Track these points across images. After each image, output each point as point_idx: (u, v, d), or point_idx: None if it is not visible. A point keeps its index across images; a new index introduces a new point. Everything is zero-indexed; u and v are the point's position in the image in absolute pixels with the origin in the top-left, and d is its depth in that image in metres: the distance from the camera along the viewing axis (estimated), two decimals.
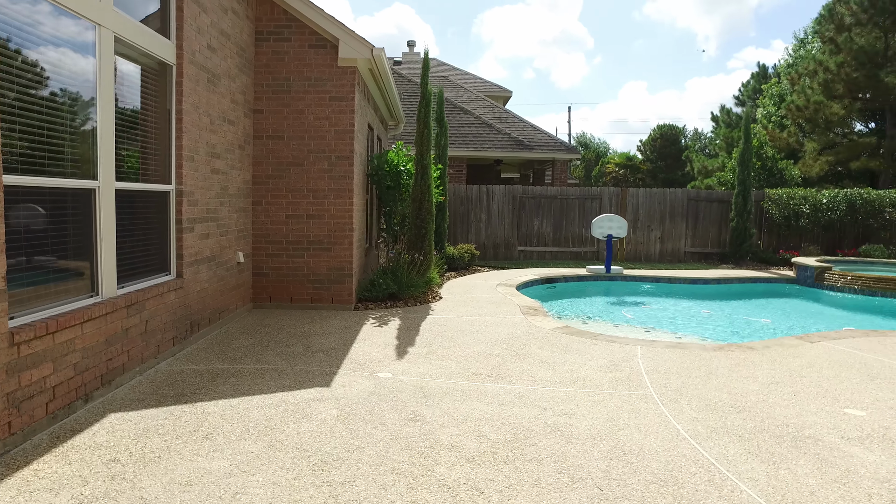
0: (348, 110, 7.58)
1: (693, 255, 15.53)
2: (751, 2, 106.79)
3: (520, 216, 14.87)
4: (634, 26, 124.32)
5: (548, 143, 17.17)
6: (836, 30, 20.78)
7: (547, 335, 6.62)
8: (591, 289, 11.80)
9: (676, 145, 39.09)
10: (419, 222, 8.57)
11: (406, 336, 6.43)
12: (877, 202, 14.76)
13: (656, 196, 15.30)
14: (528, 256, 14.96)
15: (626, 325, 8.40)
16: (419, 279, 8.47)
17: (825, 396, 4.74)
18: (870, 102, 20.50)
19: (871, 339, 6.78)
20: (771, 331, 8.26)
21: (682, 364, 5.54)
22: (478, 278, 11.33)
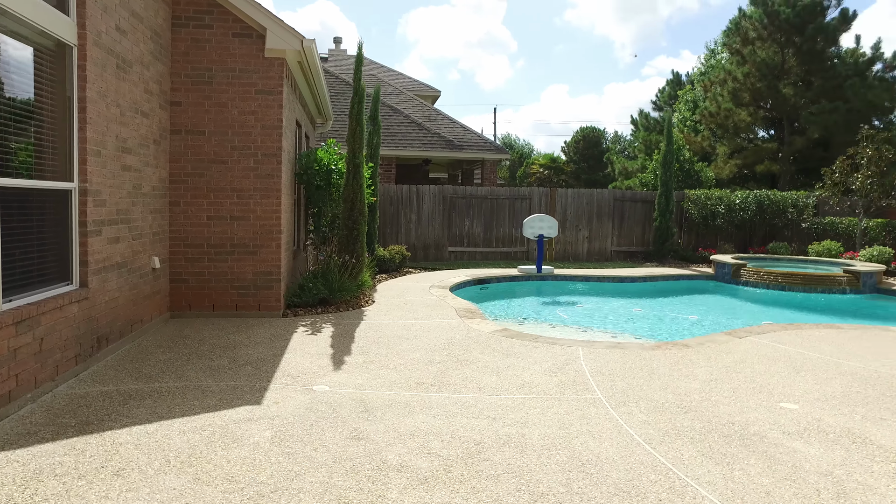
0: (276, 105, 7.11)
1: (619, 254, 15.99)
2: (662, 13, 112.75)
3: (450, 216, 14.74)
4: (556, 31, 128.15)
5: (477, 144, 17.16)
6: (742, 42, 22.15)
7: (487, 339, 6.46)
8: (524, 289, 11.84)
9: (598, 147, 40.48)
10: (351, 223, 8.20)
11: (341, 344, 6.07)
12: (781, 203, 15.78)
13: (584, 196, 15.64)
14: (459, 257, 14.86)
15: (563, 325, 8.41)
16: (351, 283, 8.11)
17: (761, 392, 4.85)
18: (771, 111, 21.99)
19: (789, 332, 7.11)
20: (699, 327, 8.53)
21: (624, 365, 5.53)
22: (410, 280, 11.06)
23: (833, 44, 21.24)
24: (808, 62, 21.09)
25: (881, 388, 5.05)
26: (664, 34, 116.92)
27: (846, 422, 4.24)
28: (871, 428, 4.15)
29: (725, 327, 8.44)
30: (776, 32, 21.26)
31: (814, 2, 20.93)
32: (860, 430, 4.10)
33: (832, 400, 4.70)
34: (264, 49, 6.94)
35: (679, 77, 34.35)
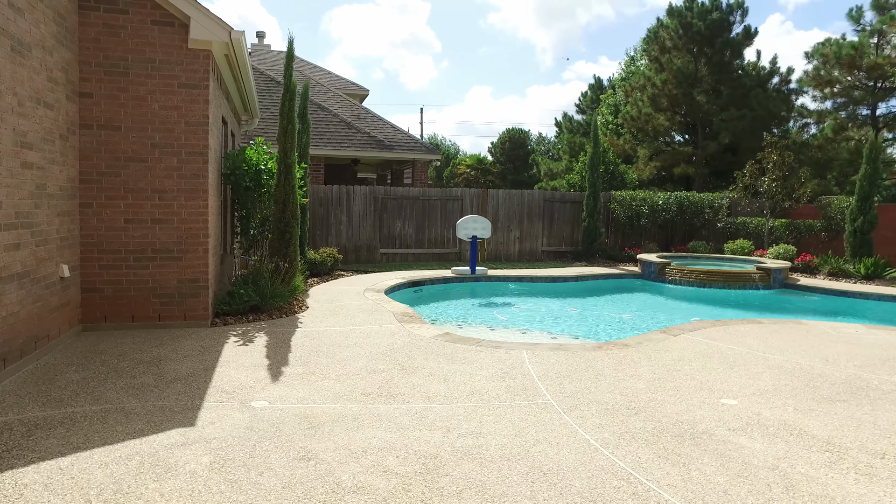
0: (202, 100, 6.62)
1: (549, 254, 16.30)
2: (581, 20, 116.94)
3: (382, 218, 14.48)
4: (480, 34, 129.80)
5: (408, 144, 16.97)
6: (660, 51, 23.24)
7: (429, 344, 6.31)
8: (459, 291, 11.78)
9: (524, 148, 41.33)
10: (283, 226, 7.79)
11: (278, 354, 5.72)
12: (699, 204, 16.65)
13: (515, 197, 15.81)
14: (391, 259, 14.62)
15: (502, 327, 8.39)
16: (284, 288, 7.71)
17: (702, 389, 4.98)
18: (686, 116, 23.20)
19: (718, 328, 7.42)
20: (634, 326, 8.77)
21: (569, 367, 5.54)
22: (343, 284, 10.73)
23: (738, 56, 22.69)
24: (718, 72, 22.43)
25: (804, 379, 5.32)
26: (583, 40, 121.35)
27: (781, 414, 4.42)
28: (803, 419, 4.34)
29: (657, 325, 8.72)
30: (690, 43, 22.46)
31: (722, 17, 22.27)
32: (794, 422, 4.27)
33: (766, 394, 4.90)
34: (188, 39, 6.45)
35: (601, 82, 35.68)
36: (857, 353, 6.31)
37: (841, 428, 4.20)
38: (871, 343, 6.84)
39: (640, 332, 8.21)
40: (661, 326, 8.61)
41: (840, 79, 20.73)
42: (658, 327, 8.55)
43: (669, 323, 8.87)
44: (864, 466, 3.60)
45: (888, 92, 20.25)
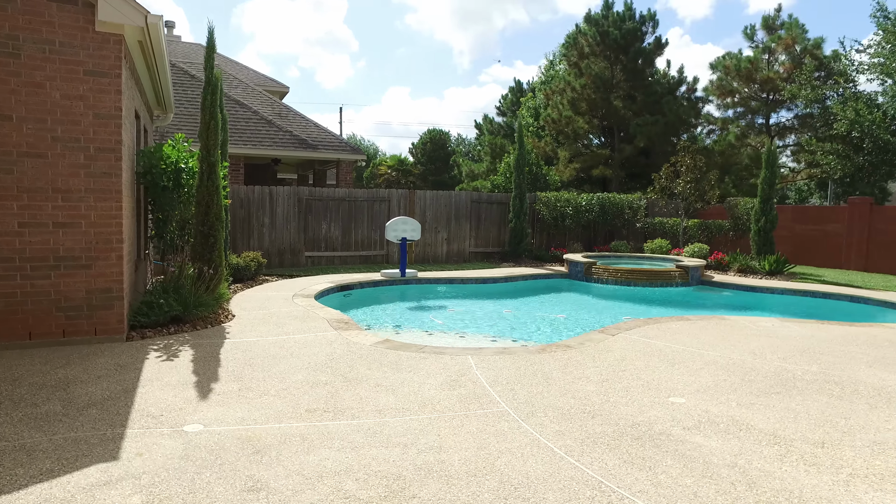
0: (113, 90, 5.96)
1: (477, 255, 16.33)
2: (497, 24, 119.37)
3: (306, 219, 13.91)
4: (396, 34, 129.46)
5: (332, 143, 16.46)
6: (579, 56, 24.01)
7: (370, 353, 6.02)
8: (390, 294, 11.50)
9: (444, 150, 41.47)
10: (207, 229, 7.21)
11: (207, 369, 5.24)
12: (619, 204, 17.29)
13: (442, 198, 15.72)
14: (317, 262, 14.09)
15: (440, 332, 8.22)
16: (209, 297, 7.14)
17: (649, 388, 5.04)
18: (604, 120, 24.10)
19: (651, 326, 7.62)
20: (570, 325, 8.86)
21: (517, 371, 5.45)
22: (269, 289, 10.16)
23: (651, 65, 23.87)
24: (633, 79, 23.48)
25: (739, 374, 5.52)
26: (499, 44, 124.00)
27: (727, 410, 4.53)
28: (747, 413, 4.47)
29: (592, 324, 8.87)
30: (606, 50, 23.36)
31: (635, 27, 23.33)
32: (740, 417, 4.39)
33: (709, 390, 5.02)
34: (95, 21, 5.78)
35: (521, 85, 36.46)
36: (779, 346, 6.67)
37: (781, 420, 4.35)
38: (786, 335, 7.27)
39: (577, 332, 8.30)
40: (595, 326, 8.77)
41: (739, 90, 22.30)
42: (592, 327, 8.70)
43: (602, 322, 9.06)
44: (809, 457, 3.72)
45: (779, 104, 22.01)
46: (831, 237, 16.19)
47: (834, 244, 16.12)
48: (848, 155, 17.61)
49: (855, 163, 17.54)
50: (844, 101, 17.41)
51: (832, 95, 18.79)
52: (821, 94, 18.81)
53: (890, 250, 15.14)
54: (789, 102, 20.86)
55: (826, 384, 5.28)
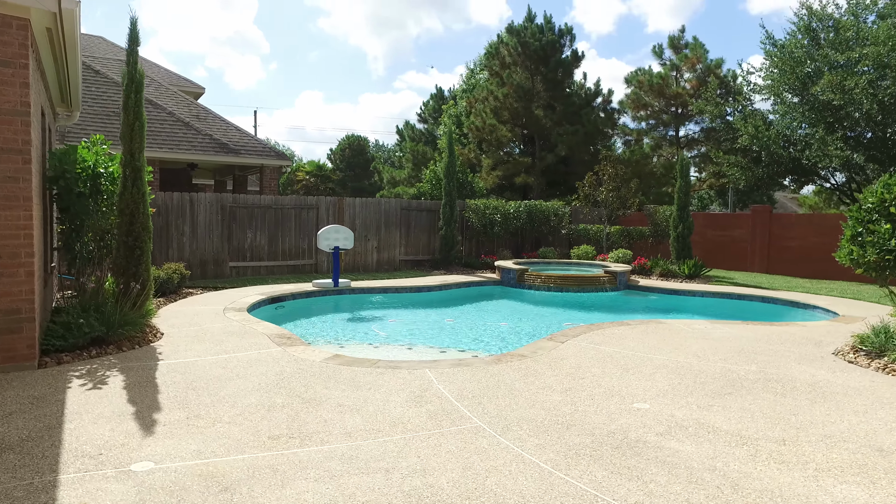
0: (18, 82, 5.27)
1: (407, 263, 16.13)
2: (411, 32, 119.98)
3: (231, 228, 13.15)
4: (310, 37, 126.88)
5: (256, 148, 15.70)
6: (501, 66, 24.46)
7: (322, 370, 5.68)
8: (325, 305, 11.07)
9: (364, 156, 40.91)
10: (133, 240, 6.56)
11: (145, 396, 4.71)
12: (545, 212, 17.70)
13: (372, 206, 15.40)
14: (242, 273, 13.35)
15: (386, 344, 7.96)
16: (136, 314, 6.49)
17: (612, 395, 5.07)
18: (524, 128, 24.67)
19: (596, 333, 7.75)
20: (515, 334, 8.86)
21: (480, 384, 5.32)
22: (196, 303, 9.45)
23: (569, 76, 24.75)
24: (552, 89, 24.23)
25: (690, 377, 5.70)
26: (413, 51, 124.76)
27: (690, 414, 4.63)
28: (709, 416, 4.60)
29: (534, 331, 8.93)
30: (527, 61, 23.97)
31: (554, 39, 24.12)
32: (704, 420, 4.50)
33: (667, 394, 5.13)
34: None
35: (442, 92, 36.68)
36: (717, 348, 6.98)
37: (741, 420, 4.50)
38: (720, 337, 7.64)
39: (523, 340, 8.32)
40: (538, 333, 8.84)
41: (651, 103, 23.62)
42: (536, 334, 8.76)
43: (544, 329, 9.15)
44: (776, 455, 3.85)
45: (687, 117, 23.53)
46: (737, 242, 17.43)
47: (740, 248, 17.36)
48: (749, 167, 19.10)
49: (755, 174, 19.04)
50: (745, 118, 18.86)
51: (733, 112, 20.33)
52: (723, 110, 20.31)
53: (787, 254, 16.50)
54: (697, 117, 22.35)
55: (768, 383, 5.56)
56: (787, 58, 17.84)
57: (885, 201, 6.33)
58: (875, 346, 6.78)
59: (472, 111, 25.41)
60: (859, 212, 6.70)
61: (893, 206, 6.20)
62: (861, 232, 6.59)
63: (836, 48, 16.95)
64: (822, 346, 7.25)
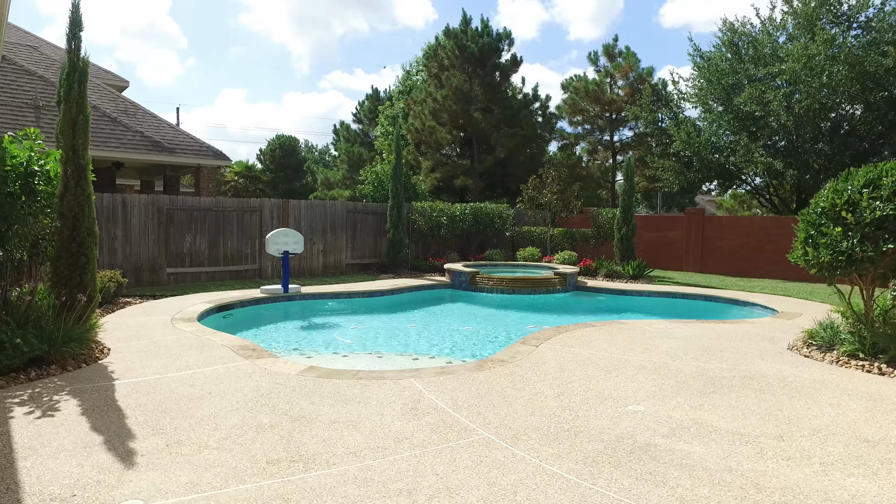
0: None
1: (354, 267, 15.71)
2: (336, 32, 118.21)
3: (168, 232, 12.29)
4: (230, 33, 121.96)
5: (192, 147, 14.77)
6: (439, 68, 24.41)
7: (301, 384, 5.33)
8: (276, 313, 10.54)
9: (296, 156, 39.70)
10: (77, 247, 5.89)
11: (110, 422, 4.20)
12: (491, 214, 17.78)
13: (318, 208, 14.88)
14: (181, 279, 12.51)
15: (354, 353, 7.63)
16: (80, 329, 5.85)
17: (605, 398, 5.05)
18: (464, 131, 24.76)
19: (565, 335, 7.76)
20: (482, 338, 8.75)
21: (471, 392, 5.16)
22: (138, 314, 8.72)
23: (507, 80, 25.07)
24: (491, 92, 24.46)
25: (671, 377, 5.79)
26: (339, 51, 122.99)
27: (685, 414, 4.67)
28: (703, 415, 4.65)
29: (499, 334, 8.87)
30: (465, 63, 24.06)
31: (492, 42, 24.37)
32: (701, 419, 4.55)
33: (657, 396, 5.17)
34: None
35: (378, 93, 36.20)
36: (685, 347, 7.16)
37: (734, 418, 4.58)
38: (683, 336, 7.85)
39: (492, 343, 8.22)
40: (503, 336, 8.79)
41: (587, 109, 24.33)
42: (502, 337, 8.71)
43: (506, 332, 9.11)
44: (780, 452, 3.93)
45: (621, 122, 24.42)
46: (673, 243, 18.22)
47: (675, 249, 18.15)
48: (682, 171, 20.06)
49: (687, 177, 20.03)
50: (678, 124, 19.79)
51: (665, 118, 21.30)
52: (656, 116, 21.24)
53: (719, 254, 17.43)
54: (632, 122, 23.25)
55: (743, 379, 5.73)
56: (713, 69, 18.86)
57: (835, 206, 6.71)
58: (825, 340, 7.19)
59: (410, 113, 25.21)
60: (810, 215, 7.07)
61: (844, 210, 6.57)
62: (813, 234, 6.95)
63: (755, 63, 18.10)
64: (775, 342, 7.60)
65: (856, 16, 17.39)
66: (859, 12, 17.36)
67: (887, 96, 16.89)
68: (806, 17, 17.47)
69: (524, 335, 8.87)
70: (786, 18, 18.53)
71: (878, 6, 17.28)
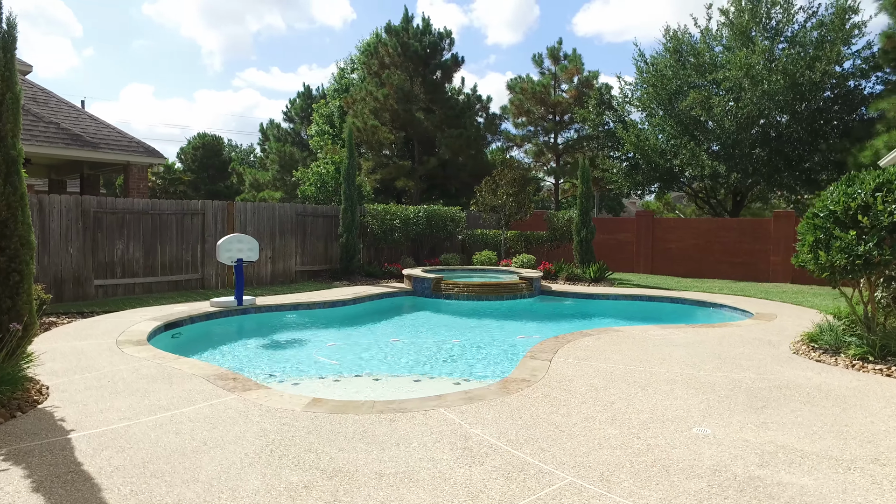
0: None
1: (304, 274, 14.58)
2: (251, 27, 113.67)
3: (95, 239, 10.72)
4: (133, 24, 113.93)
5: (120, 142, 13.08)
6: (380, 66, 23.50)
7: (315, 423, 4.44)
8: (233, 329, 9.37)
9: (220, 156, 37.23)
10: (6, 262, 4.64)
11: (86, 501, 3.17)
12: (444, 217, 17.13)
13: (265, 211, 13.65)
14: (112, 292, 10.95)
15: (343, 375, 6.73)
16: (12, 366, 4.64)
17: (662, 421, 4.52)
18: (406, 131, 23.98)
19: (569, 346, 7.23)
20: (475, 351, 8.06)
21: (516, 422, 4.49)
22: (73, 336, 7.34)
23: (449, 80, 24.56)
24: (432, 92, 23.84)
25: (708, 390, 5.37)
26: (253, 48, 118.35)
27: (758, 436, 4.23)
28: (777, 436, 4.24)
29: (491, 346, 8.25)
30: (407, 62, 23.31)
31: (434, 41, 23.76)
32: (779, 442, 4.12)
33: (712, 413, 4.72)
34: None
35: (310, 91, 34.56)
36: (697, 354, 6.82)
37: (812, 439, 4.19)
38: (685, 342, 7.53)
39: (490, 358, 7.58)
40: (494, 348, 8.19)
41: (533, 110, 24.23)
42: (495, 349, 8.09)
43: (496, 342, 8.52)
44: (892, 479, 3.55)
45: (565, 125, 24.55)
46: (624, 245, 18.34)
47: (627, 251, 18.28)
48: (630, 173, 20.32)
49: (636, 179, 20.30)
50: (626, 127, 20.02)
51: (610, 122, 21.54)
52: (603, 119, 21.42)
53: (669, 255, 17.71)
54: (579, 124, 23.36)
55: (781, 390, 5.42)
56: (657, 75, 19.22)
57: (848, 209, 6.59)
58: (829, 344, 7.09)
59: (350, 111, 24.11)
60: (817, 219, 6.94)
61: (860, 214, 6.46)
62: (822, 238, 6.82)
63: (697, 70, 18.61)
64: (775, 345, 7.45)
65: (782, 30, 18.25)
66: (785, 27, 18.22)
67: (813, 107, 17.84)
68: (740, 30, 18.12)
69: (514, 345, 8.32)
70: (721, 30, 19.17)
71: (801, 23, 18.22)
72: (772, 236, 16.09)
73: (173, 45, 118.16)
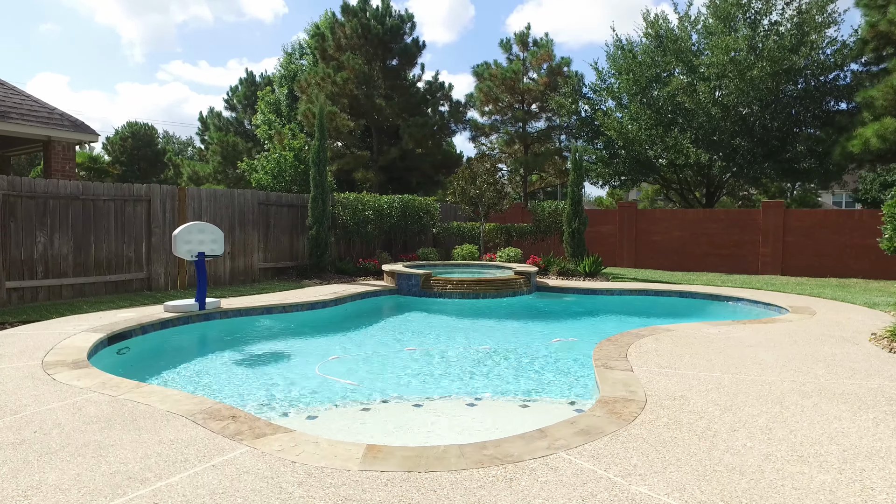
0: None
1: (267, 272, 12.71)
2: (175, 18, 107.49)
3: (6, 230, 8.55)
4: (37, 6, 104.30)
5: (38, 113, 10.77)
6: (336, 48, 21.65)
7: (399, 495, 2.92)
8: (193, 339, 7.56)
9: (152, 147, 33.95)
10: None
11: None
12: (419, 208, 15.61)
13: (222, 199, 11.70)
14: (32, 297, 8.80)
15: (371, 400, 5.13)
16: None
17: (857, 457, 3.29)
18: (366, 118, 22.23)
19: (632, 349, 5.97)
20: (510, 359, 6.64)
21: (681, 470, 3.15)
22: None
23: (412, 65, 22.99)
24: (392, 78, 22.22)
25: (854, 402, 4.23)
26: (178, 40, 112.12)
27: None
28: None
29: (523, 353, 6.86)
30: (367, 45, 21.59)
31: (396, 24, 22.13)
32: None
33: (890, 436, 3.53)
34: None
35: (253, 77, 31.94)
36: (792, 357, 5.72)
37: None
38: (756, 342, 6.44)
39: (531, 368, 6.18)
40: (529, 355, 6.80)
41: (502, 97, 23.03)
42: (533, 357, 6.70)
43: (527, 348, 7.15)
44: None
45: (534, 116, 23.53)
46: (606, 238, 17.41)
47: (609, 244, 17.36)
48: (610, 163, 19.46)
49: (616, 169, 19.47)
50: (606, 115, 19.13)
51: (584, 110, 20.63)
52: (579, 107, 20.48)
53: (653, 248, 16.92)
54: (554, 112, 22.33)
55: None
56: (634, 62, 18.44)
57: None
58: None
59: (304, 97, 22.10)
60: None
61: None
62: None
63: (677, 56, 17.96)
64: (857, 343, 6.50)
65: (760, 20, 17.87)
66: (765, 15, 17.85)
67: (793, 95, 17.55)
68: (723, 15, 17.59)
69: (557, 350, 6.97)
70: (699, 16, 18.62)
71: (780, 10, 17.90)
72: (760, 227, 15.55)
73: (88, 33, 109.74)
